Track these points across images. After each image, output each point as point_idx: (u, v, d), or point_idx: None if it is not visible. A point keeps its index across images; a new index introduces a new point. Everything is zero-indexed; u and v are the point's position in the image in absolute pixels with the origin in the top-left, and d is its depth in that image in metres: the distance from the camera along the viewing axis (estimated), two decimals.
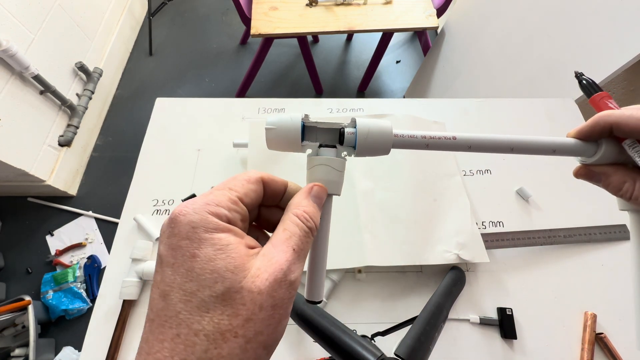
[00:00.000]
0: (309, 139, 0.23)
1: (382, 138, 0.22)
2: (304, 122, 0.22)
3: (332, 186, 0.22)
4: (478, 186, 0.59)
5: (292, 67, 1.80)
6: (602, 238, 0.54)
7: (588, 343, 0.46)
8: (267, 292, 0.16)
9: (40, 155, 1.22)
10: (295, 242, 0.18)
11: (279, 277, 0.16)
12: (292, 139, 0.22)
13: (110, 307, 0.48)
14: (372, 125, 0.22)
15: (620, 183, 0.23)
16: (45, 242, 1.28)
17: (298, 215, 0.19)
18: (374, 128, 0.22)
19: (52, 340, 1.10)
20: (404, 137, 0.22)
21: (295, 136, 0.22)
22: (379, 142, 0.22)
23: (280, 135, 0.22)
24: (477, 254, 0.49)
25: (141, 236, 0.54)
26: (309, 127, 0.23)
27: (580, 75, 0.28)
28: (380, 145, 0.22)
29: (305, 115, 0.22)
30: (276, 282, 0.16)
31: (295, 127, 0.22)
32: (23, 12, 1.15)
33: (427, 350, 0.35)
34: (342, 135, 0.22)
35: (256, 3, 1.23)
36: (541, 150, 0.24)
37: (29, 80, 1.16)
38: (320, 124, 0.23)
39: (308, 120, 0.22)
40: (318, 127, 0.23)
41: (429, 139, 0.23)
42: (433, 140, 0.23)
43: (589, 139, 0.24)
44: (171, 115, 0.66)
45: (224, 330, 0.15)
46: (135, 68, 1.76)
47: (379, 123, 0.22)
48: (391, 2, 1.25)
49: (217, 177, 0.59)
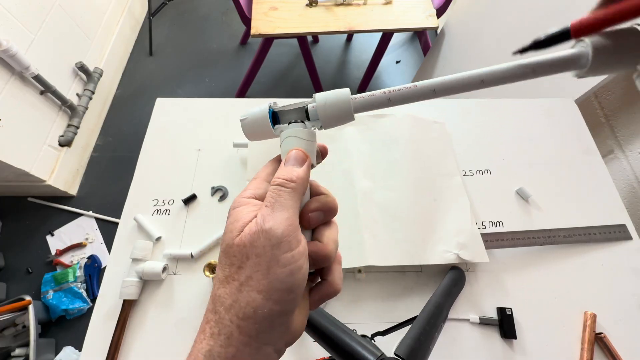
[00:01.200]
0: (281, 122, 0.25)
1: (341, 105, 0.23)
2: (272, 109, 0.24)
3: None
4: (478, 186, 0.59)
5: (292, 67, 1.80)
6: (601, 238, 0.54)
7: (588, 343, 0.46)
8: (250, 244, 0.19)
9: (41, 155, 1.22)
10: (268, 200, 0.21)
11: (253, 229, 0.19)
12: (264, 125, 0.24)
13: (110, 307, 0.48)
14: (330, 95, 0.23)
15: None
16: (45, 242, 1.28)
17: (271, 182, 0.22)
18: (332, 97, 0.23)
19: (53, 340, 1.10)
20: (364, 98, 0.23)
21: (266, 122, 0.24)
22: (339, 109, 0.23)
23: (253, 124, 0.24)
24: (477, 254, 0.49)
25: (141, 236, 0.54)
26: (279, 112, 0.25)
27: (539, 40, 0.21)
28: (342, 112, 0.23)
29: (274, 102, 0.25)
30: (254, 234, 0.19)
31: (264, 115, 0.24)
32: (23, 12, 1.15)
33: (427, 350, 0.35)
34: (307, 111, 0.24)
35: (256, 3, 1.23)
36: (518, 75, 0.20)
37: (29, 81, 1.16)
38: (287, 106, 0.24)
39: (276, 107, 0.25)
40: (286, 110, 0.24)
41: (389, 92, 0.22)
42: (394, 94, 0.22)
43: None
44: (171, 115, 0.66)
45: (227, 275, 0.20)
46: (135, 68, 1.76)
47: (336, 92, 0.23)
48: (391, 2, 1.24)
49: (217, 177, 0.59)
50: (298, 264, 0.19)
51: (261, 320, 0.18)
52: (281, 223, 0.19)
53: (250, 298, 0.18)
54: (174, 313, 0.48)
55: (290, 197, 0.21)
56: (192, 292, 0.50)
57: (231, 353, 0.18)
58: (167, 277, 0.51)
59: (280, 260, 0.19)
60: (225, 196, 0.57)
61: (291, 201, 0.21)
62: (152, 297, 0.50)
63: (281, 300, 0.19)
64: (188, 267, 0.52)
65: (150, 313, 0.48)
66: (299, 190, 0.21)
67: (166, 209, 0.56)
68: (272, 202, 0.20)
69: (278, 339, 0.20)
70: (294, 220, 0.20)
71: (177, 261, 0.52)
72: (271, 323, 0.19)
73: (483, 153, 0.63)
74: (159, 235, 0.53)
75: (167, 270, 0.51)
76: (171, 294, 0.50)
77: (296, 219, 0.21)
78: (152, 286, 0.50)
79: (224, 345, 0.18)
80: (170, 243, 0.54)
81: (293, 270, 0.19)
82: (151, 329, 0.47)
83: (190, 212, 0.56)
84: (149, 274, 0.49)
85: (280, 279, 0.18)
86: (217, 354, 0.18)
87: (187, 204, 0.57)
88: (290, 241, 0.19)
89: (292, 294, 0.19)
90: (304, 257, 0.20)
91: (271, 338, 0.19)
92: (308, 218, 0.22)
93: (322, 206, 0.23)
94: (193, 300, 0.49)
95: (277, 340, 0.20)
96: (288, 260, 0.19)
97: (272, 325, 0.19)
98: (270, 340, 0.19)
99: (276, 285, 0.18)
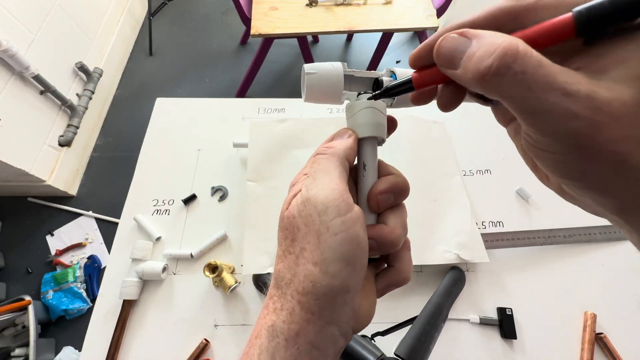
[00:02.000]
0: (346, 88, 0.22)
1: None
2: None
3: (379, 129, 0.21)
4: (478, 186, 0.59)
5: (292, 67, 1.79)
6: (601, 238, 0.54)
7: (588, 343, 0.46)
8: (298, 214, 0.19)
9: (41, 155, 1.22)
10: (306, 169, 0.21)
11: (299, 200, 0.19)
12: (335, 86, 0.22)
13: (110, 307, 0.48)
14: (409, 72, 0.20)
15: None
16: (45, 242, 1.28)
17: None
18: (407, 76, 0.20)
19: (52, 340, 1.10)
20: None
21: (338, 83, 0.22)
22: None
23: (322, 81, 0.21)
24: (477, 254, 0.49)
25: (141, 236, 0.54)
26: (347, 75, 0.22)
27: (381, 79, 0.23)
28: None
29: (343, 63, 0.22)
30: (301, 204, 0.19)
31: (338, 74, 0.22)
32: (23, 12, 1.15)
33: (427, 350, 0.35)
34: (380, 83, 0.22)
35: (256, 3, 1.23)
36: None
37: (29, 81, 1.16)
38: (358, 72, 0.23)
39: (346, 69, 0.22)
40: (355, 76, 0.23)
41: None
42: None
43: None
44: (171, 115, 0.66)
45: (284, 249, 0.19)
46: (135, 68, 1.76)
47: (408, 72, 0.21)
48: (391, 2, 1.24)
49: (217, 177, 0.59)
50: (351, 231, 0.18)
51: (321, 295, 0.17)
52: (323, 188, 0.18)
53: (308, 271, 0.18)
54: (174, 313, 0.48)
55: (329, 162, 0.20)
56: (192, 292, 0.50)
57: (294, 330, 0.17)
58: (167, 277, 0.51)
59: (330, 227, 0.18)
60: (225, 196, 0.57)
61: (331, 166, 0.20)
62: (152, 297, 0.50)
63: (339, 275, 0.17)
64: (188, 267, 0.52)
65: (150, 313, 0.48)
66: (338, 154, 0.20)
67: (166, 209, 0.56)
68: (312, 171, 0.20)
69: (343, 321, 0.18)
70: (338, 184, 0.19)
71: (177, 261, 0.52)
72: (333, 300, 0.17)
73: (483, 153, 0.63)
74: (159, 235, 0.53)
75: (167, 270, 0.51)
76: (171, 294, 0.50)
77: (341, 182, 0.19)
78: (152, 286, 0.50)
79: (287, 321, 0.18)
80: (170, 243, 0.54)
81: (345, 239, 0.18)
82: (151, 329, 0.47)
83: (190, 212, 0.56)
84: (149, 274, 0.49)
85: (333, 247, 0.17)
86: (280, 329, 0.18)
87: (187, 204, 0.57)
88: (339, 205, 0.18)
89: (349, 266, 0.18)
90: (358, 224, 0.18)
91: (335, 317, 0.18)
92: (377, 200, 0.20)
93: (392, 187, 0.21)
94: (193, 300, 0.49)
95: (342, 322, 0.18)
96: (339, 227, 0.18)
97: (333, 302, 0.17)
98: (334, 319, 0.18)
99: (329, 255, 0.17)
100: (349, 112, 0.22)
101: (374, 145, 0.22)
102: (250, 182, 0.54)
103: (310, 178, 0.20)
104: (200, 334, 0.47)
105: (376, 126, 0.21)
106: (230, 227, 0.55)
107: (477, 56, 0.14)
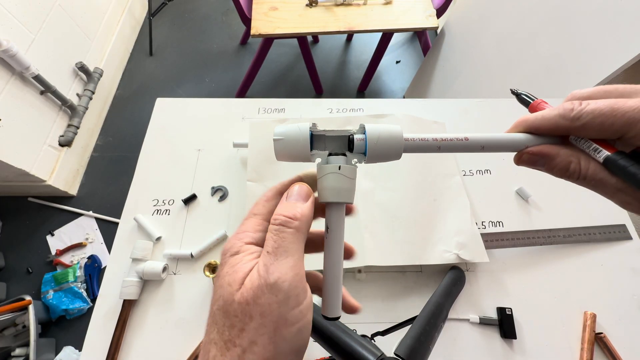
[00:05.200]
0: (317, 147, 0.22)
1: (393, 143, 0.21)
2: (312, 131, 0.22)
3: (345, 194, 0.21)
4: (478, 186, 0.59)
5: (292, 67, 1.79)
6: (601, 238, 0.54)
7: (588, 343, 0.46)
8: (253, 301, 0.16)
9: (41, 155, 1.22)
10: (269, 244, 0.18)
11: (256, 284, 0.17)
12: (301, 149, 0.21)
13: (110, 307, 0.48)
14: (382, 130, 0.21)
15: (566, 164, 0.21)
16: (45, 242, 1.28)
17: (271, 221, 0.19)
18: (384, 133, 0.21)
19: (53, 340, 1.10)
20: (415, 141, 0.21)
21: (304, 146, 0.21)
22: (390, 147, 0.21)
23: (288, 145, 0.21)
24: (476, 254, 0.49)
25: (141, 236, 0.54)
26: (317, 135, 0.22)
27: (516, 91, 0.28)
28: (392, 150, 0.21)
29: (312, 124, 0.22)
30: (258, 288, 0.16)
31: (304, 137, 0.21)
32: (23, 12, 1.15)
33: (427, 350, 0.35)
34: (352, 142, 0.21)
35: (256, 3, 1.23)
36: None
37: (30, 81, 1.16)
38: (329, 132, 0.22)
39: (316, 129, 0.22)
40: (326, 136, 0.22)
41: (441, 141, 0.22)
42: (445, 143, 0.22)
43: None
44: (171, 115, 0.66)
45: (226, 340, 0.16)
46: (135, 68, 1.76)
47: (389, 128, 0.21)
48: (391, 2, 1.25)
49: (217, 177, 0.59)
50: (305, 320, 0.17)
51: None
52: (287, 273, 0.17)
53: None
54: (174, 313, 0.48)
55: (295, 239, 0.18)
56: (192, 292, 0.50)
57: None
58: (167, 277, 0.51)
59: (289, 318, 0.16)
60: (225, 196, 0.57)
61: (295, 244, 0.18)
62: (152, 297, 0.50)
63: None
64: (188, 267, 0.52)
65: (150, 313, 0.49)
66: (303, 230, 0.19)
67: (166, 209, 0.56)
68: (274, 248, 0.18)
69: None
70: (300, 268, 0.18)
71: (177, 261, 0.52)
72: None
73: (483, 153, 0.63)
74: (159, 235, 0.53)
75: (167, 270, 0.51)
76: (171, 294, 0.50)
77: (302, 264, 0.18)
78: (152, 286, 0.50)
79: None
80: (170, 243, 0.54)
81: (301, 328, 0.17)
82: (151, 329, 0.48)
83: (190, 212, 0.56)
84: (149, 274, 0.49)
85: (288, 339, 0.16)
86: None
87: (187, 204, 0.57)
88: (298, 294, 0.17)
89: (299, 355, 0.17)
90: (311, 309, 0.18)
91: None
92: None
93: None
94: (193, 300, 0.49)
95: None
96: (296, 317, 0.17)
97: None
98: None
99: (284, 348, 0.16)
100: (318, 173, 0.22)
101: (340, 209, 0.21)
102: (250, 182, 0.54)
103: (271, 256, 0.17)
104: (201, 334, 0.47)
105: (340, 191, 0.21)
106: (230, 227, 0.55)
107: None
